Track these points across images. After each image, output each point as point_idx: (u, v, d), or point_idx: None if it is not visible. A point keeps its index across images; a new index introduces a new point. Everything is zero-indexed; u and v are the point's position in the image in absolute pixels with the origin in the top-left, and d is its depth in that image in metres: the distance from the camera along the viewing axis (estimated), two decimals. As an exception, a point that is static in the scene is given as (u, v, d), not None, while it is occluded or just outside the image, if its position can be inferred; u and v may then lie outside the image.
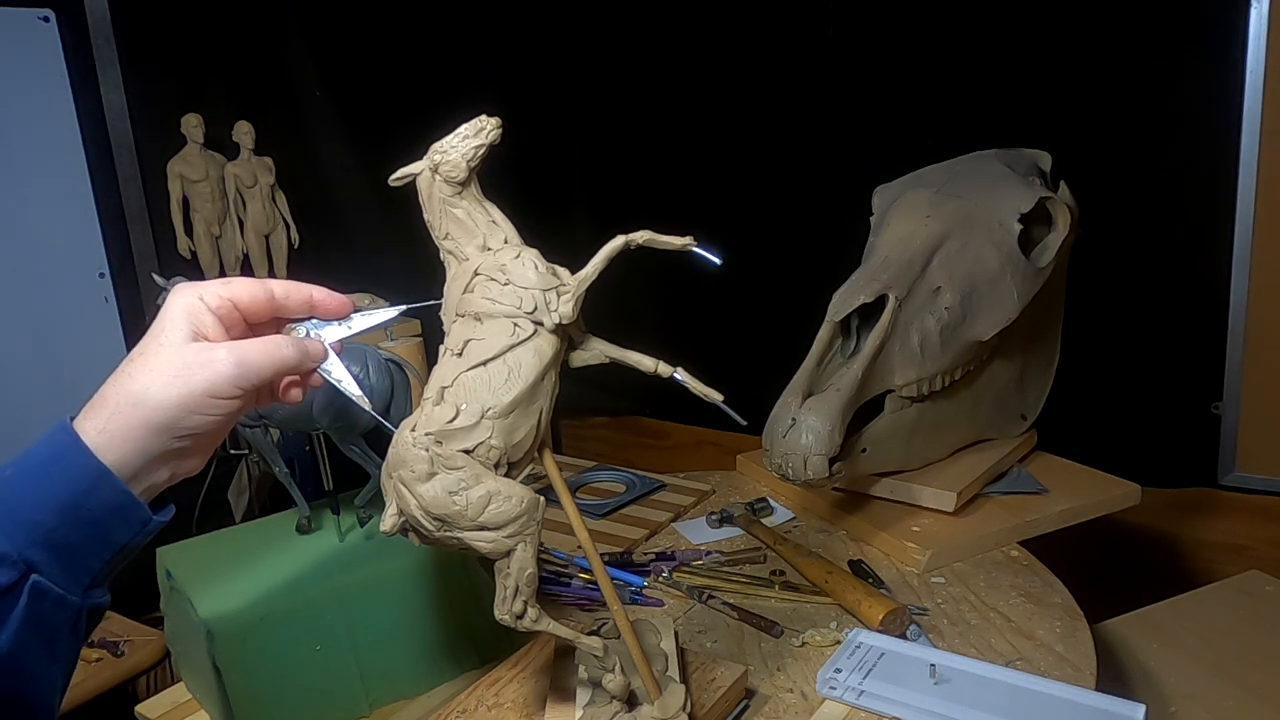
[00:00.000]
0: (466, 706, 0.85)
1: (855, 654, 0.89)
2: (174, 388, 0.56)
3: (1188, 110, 1.57)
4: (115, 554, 0.57)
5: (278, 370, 0.61)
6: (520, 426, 0.69)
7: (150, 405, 0.56)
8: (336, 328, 0.67)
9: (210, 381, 0.57)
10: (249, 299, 0.63)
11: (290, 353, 0.62)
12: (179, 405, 0.56)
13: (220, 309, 0.61)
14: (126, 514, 0.56)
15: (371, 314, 0.68)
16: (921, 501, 1.20)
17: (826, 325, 1.14)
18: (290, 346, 0.62)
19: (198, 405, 0.57)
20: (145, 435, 0.56)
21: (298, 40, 2.03)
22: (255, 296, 0.63)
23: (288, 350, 0.62)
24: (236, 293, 0.62)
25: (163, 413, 0.56)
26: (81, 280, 1.70)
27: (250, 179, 1.85)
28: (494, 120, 0.72)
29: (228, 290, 0.62)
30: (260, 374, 0.60)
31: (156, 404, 0.56)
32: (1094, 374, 1.62)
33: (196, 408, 0.57)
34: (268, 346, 0.61)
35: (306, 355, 0.64)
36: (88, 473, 0.54)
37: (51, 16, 1.63)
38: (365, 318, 0.68)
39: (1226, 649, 1.19)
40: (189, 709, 0.94)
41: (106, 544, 0.56)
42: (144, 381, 0.56)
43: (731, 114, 2.04)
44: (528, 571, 0.67)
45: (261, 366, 0.60)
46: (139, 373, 0.57)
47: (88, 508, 0.54)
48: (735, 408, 0.75)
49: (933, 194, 1.24)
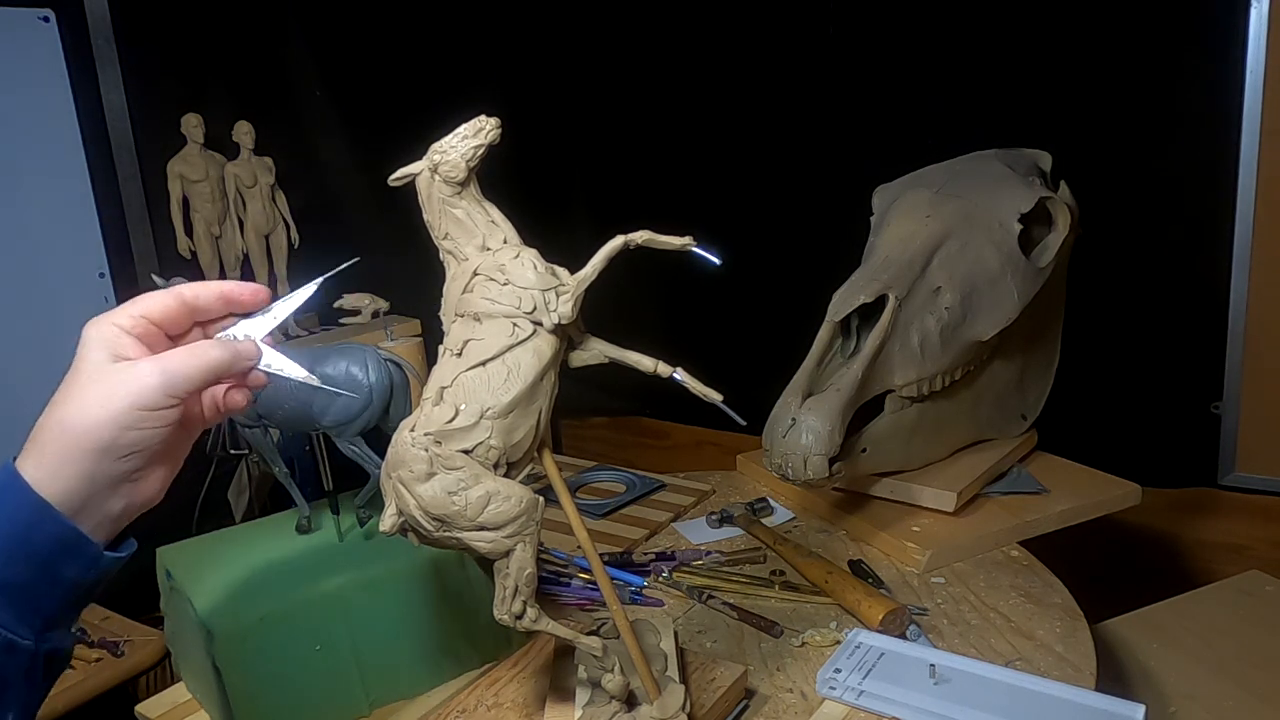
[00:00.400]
0: (466, 706, 0.85)
1: (855, 654, 0.89)
2: (101, 406, 0.54)
3: (1188, 110, 1.57)
4: (69, 593, 0.55)
5: (208, 372, 0.59)
6: (519, 427, 0.69)
7: (80, 429, 0.54)
8: (263, 319, 0.65)
9: (137, 394, 0.55)
10: (160, 310, 0.61)
11: (218, 353, 0.60)
12: (110, 423, 0.54)
13: (135, 328, 0.59)
14: (73, 549, 0.54)
15: (291, 297, 0.66)
16: (921, 501, 1.20)
17: (826, 325, 1.14)
18: (217, 347, 0.60)
19: (129, 420, 0.55)
20: (83, 461, 0.54)
21: (298, 40, 2.03)
22: (166, 306, 0.61)
23: (214, 351, 0.60)
24: (147, 308, 0.60)
25: (95, 434, 0.54)
26: (81, 280, 1.70)
27: (250, 179, 1.85)
28: (493, 120, 0.72)
29: (137, 308, 0.60)
30: (189, 378, 0.57)
31: (86, 427, 0.54)
32: (1094, 374, 1.62)
33: (128, 423, 0.55)
34: (192, 350, 0.59)
35: (238, 355, 0.62)
36: (28, 508, 0.52)
37: (51, 16, 1.63)
38: (286, 302, 0.65)
39: (1226, 649, 1.19)
40: (189, 709, 0.94)
41: (56, 582, 0.54)
42: (72, 408, 0.54)
43: (732, 114, 2.04)
44: (527, 571, 0.68)
45: (189, 371, 0.57)
46: (66, 401, 0.55)
47: (32, 544, 0.52)
48: (735, 408, 0.75)
49: (933, 194, 1.24)
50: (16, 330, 1.59)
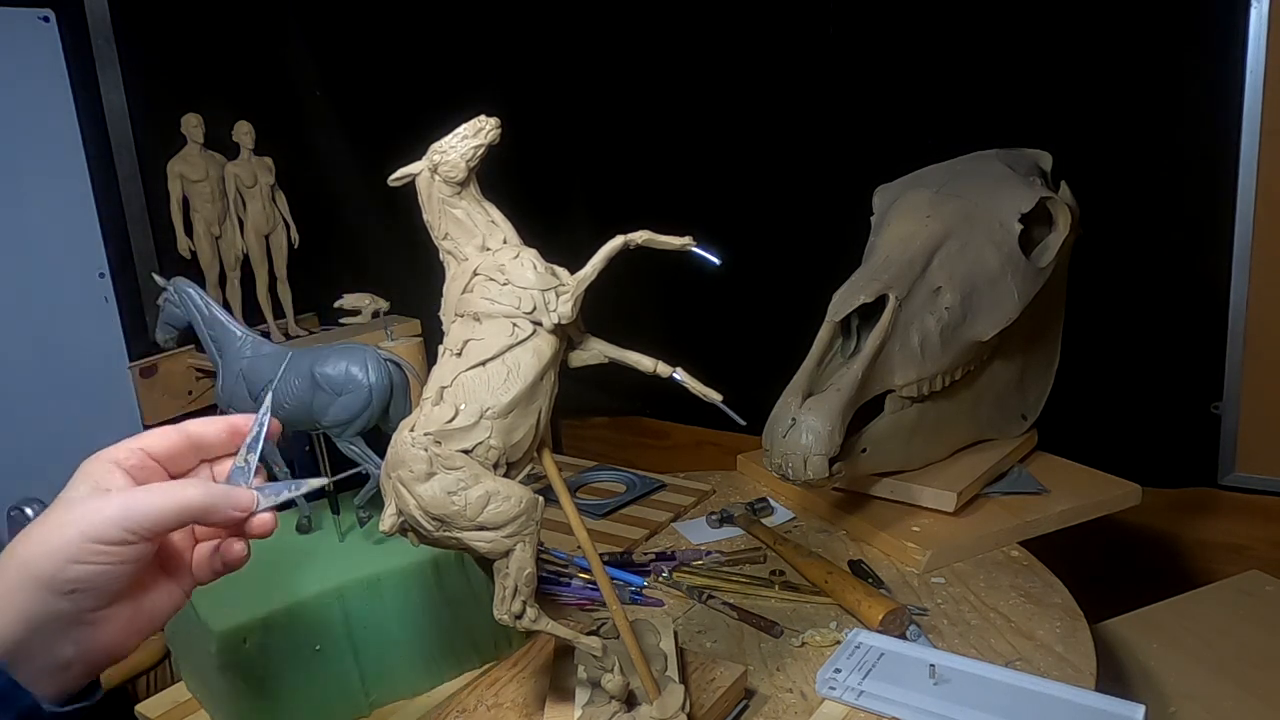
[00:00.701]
0: (466, 706, 0.85)
1: (855, 654, 0.89)
2: (50, 535, 0.49)
3: (1188, 110, 1.56)
4: None
5: (178, 512, 0.52)
6: (519, 426, 0.69)
7: (25, 558, 0.49)
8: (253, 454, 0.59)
9: (90, 524, 0.49)
10: (162, 444, 0.57)
11: (194, 493, 0.53)
12: (56, 553, 0.49)
13: (129, 461, 0.55)
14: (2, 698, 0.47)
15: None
16: (921, 501, 1.20)
17: (826, 325, 1.14)
18: (195, 487, 0.54)
19: (76, 552, 0.49)
20: (24, 596, 0.48)
21: (298, 40, 2.03)
22: (169, 440, 0.57)
23: (190, 491, 0.53)
24: (148, 441, 0.56)
25: (37, 565, 0.48)
26: (81, 280, 1.70)
27: (250, 179, 1.84)
28: (493, 120, 0.72)
29: (138, 441, 0.56)
30: (155, 515, 0.51)
31: (31, 556, 0.49)
32: (1094, 374, 1.62)
33: (75, 555, 0.49)
34: (166, 486, 0.54)
35: (223, 498, 0.55)
36: None
37: (51, 16, 1.63)
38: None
39: (1226, 649, 1.19)
40: (189, 709, 0.94)
41: None
42: (28, 538, 0.50)
43: (731, 114, 2.04)
44: (526, 571, 0.68)
45: (153, 508, 0.51)
46: (28, 532, 0.50)
47: None
48: (735, 408, 0.75)
49: (933, 194, 1.24)
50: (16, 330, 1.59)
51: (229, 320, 1.01)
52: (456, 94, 2.15)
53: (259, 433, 0.60)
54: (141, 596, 0.54)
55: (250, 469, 0.59)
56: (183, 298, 1.03)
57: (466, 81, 2.21)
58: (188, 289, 1.04)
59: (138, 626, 0.54)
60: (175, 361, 1.77)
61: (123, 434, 0.57)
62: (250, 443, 0.59)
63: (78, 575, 0.49)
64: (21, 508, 1.02)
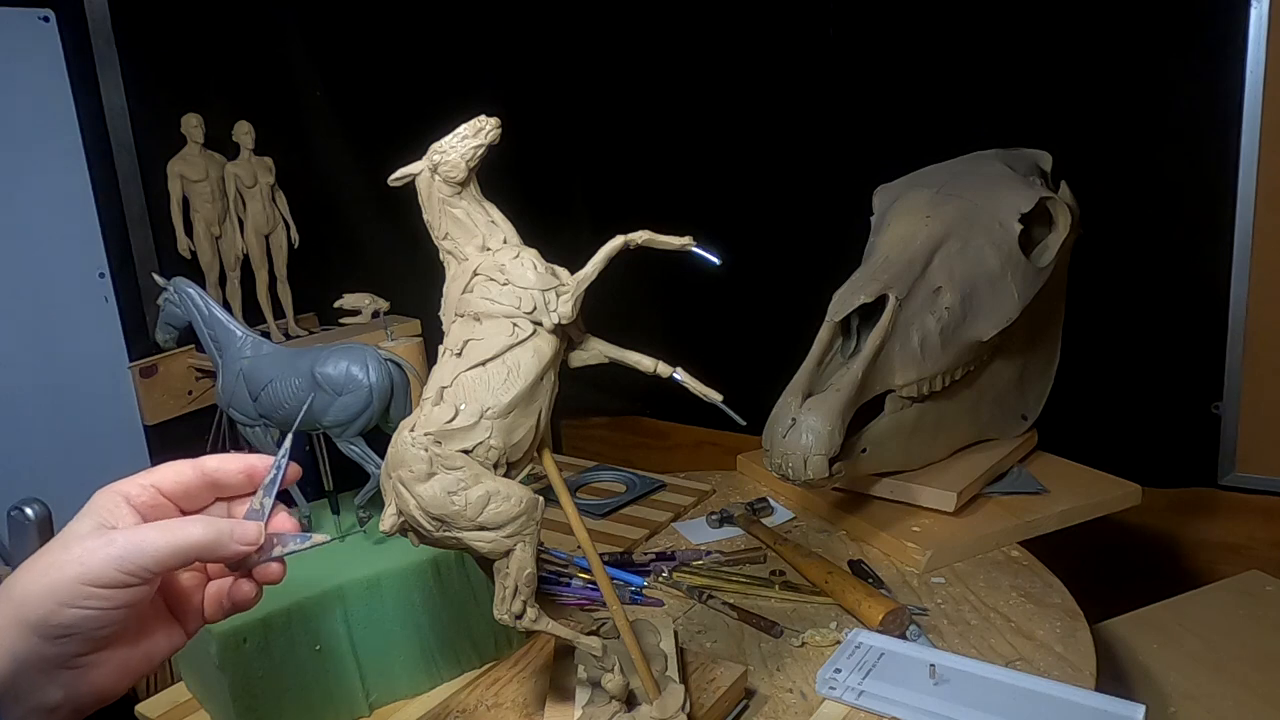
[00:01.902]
0: (466, 706, 0.85)
1: (855, 654, 0.89)
2: (45, 576, 0.47)
3: (1188, 110, 1.57)
4: None
5: (181, 551, 0.50)
6: (519, 426, 0.69)
7: (18, 599, 0.47)
8: None
9: (84, 566, 0.47)
10: (175, 480, 0.55)
11: (198, 531, 0.51)
12: (47, 595, 0.47)
13: (139, 497, 0.53)
14: None
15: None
16: (921, 501, 1.20)
17: (826, 325, 1.14)
18: (199, 525, 0.51)
19: (70, 595, 0.47)
20: (13, 635, 0.46)
21: (298, 40, 2.03)
22: (183, 476, 0.55)
23: (193, 529, 0.51)
24: (160, 477, 0.54)
25: (29, 606, 0.47)
26: (81, 280, 1.70)
27: (250, 179, 1.84)
28: (493, 120, 0.72)
29: (150, 477, 0.54)
30: (153, 554, 0.49)
31: (24, 597, 0.47)
32: (1094, 374, 1.62)
33: (69, 599, 0.47)
34: (167, 525, 0.51)
35: (229, 536, 0.52)
36: None
37: (51, 16, 1.63)
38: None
39: (1226, 649, 1.19)
40: (189, 709, 0.94)
41: None
42: (23, 576, 0.48)
43: (732, 114, 2.04)
44: (526, 571, 0.68)
45: (155, 547, 0.49)
46: (27, 566, 0.48)
47: None
48: (735, 408, 0.75)
49: (933, 194, 1.24)
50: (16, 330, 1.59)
51: (229, 320, 1.01)
52: (456, 94, 2.15)
53: (276, 475, 0.57)
54: (139, 638, 0.52)
55: (265, 512, 0.56)
56: (183, 297, 1.03)
57: (466, 81, 2.21)
58: (188, 289, 1.03)
59: (131, 669, 0.52)
60: (175, 361, 1.77)
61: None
62: (267, 485, 0.57)
63: (69, 620, 0.47)
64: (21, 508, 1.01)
